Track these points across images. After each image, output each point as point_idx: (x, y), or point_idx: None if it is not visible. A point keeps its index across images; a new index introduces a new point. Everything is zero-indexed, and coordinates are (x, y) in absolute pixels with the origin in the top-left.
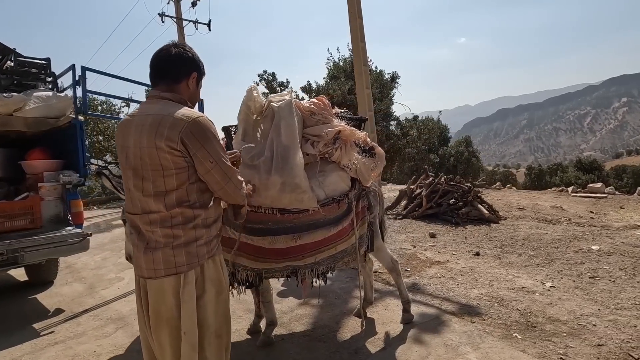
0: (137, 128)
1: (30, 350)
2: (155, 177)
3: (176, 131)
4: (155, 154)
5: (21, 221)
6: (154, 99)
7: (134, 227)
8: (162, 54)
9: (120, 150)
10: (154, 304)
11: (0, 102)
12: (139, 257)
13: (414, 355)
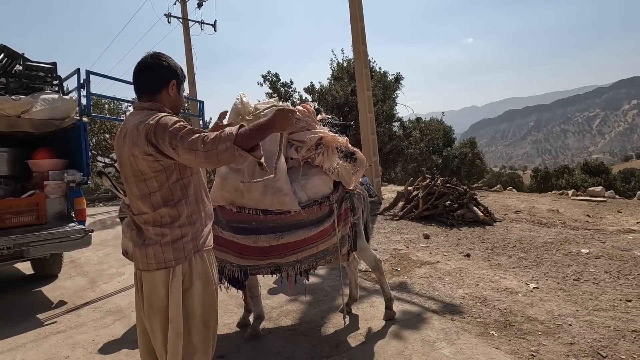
0: (123, 139)
1: (33, 338)
2: (137, 182)
3: (144, 137)
4: (134, 162)
5: (27, 217)
6: (136, 110)
7: (135, 225)
8: (140, 67)
9: (119, 162)
10: (147, 294)
11: (9, 104)
12: (136, 252)
13: (392, 349)
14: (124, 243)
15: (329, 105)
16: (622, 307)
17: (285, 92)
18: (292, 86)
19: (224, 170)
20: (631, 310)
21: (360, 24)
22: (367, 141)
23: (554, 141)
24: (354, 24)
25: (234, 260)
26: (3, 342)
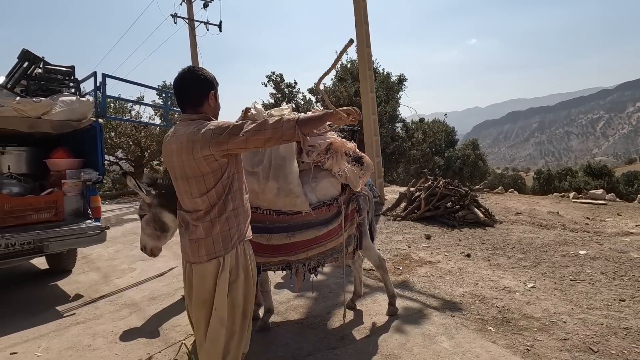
0: (177, 147)
1: (55, 328)
2: (197, 182)
3: (207, 141)
4: (195, 164)
5: (46, 214)
6: (186, 121)
7: (184, 222)
8: (181, 84)
9: (168, 166)
10: (196, 285)
11: (30, 106)
12: (186, 245)
13: (394, 342)
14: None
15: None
16: (616, 306)
17: (289, 92)
18: (296, 87)
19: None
20: (624, 309)
21: (364, 27)
22: (370, 142)
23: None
24: (358, 26)
25: None
26: (27, 331)
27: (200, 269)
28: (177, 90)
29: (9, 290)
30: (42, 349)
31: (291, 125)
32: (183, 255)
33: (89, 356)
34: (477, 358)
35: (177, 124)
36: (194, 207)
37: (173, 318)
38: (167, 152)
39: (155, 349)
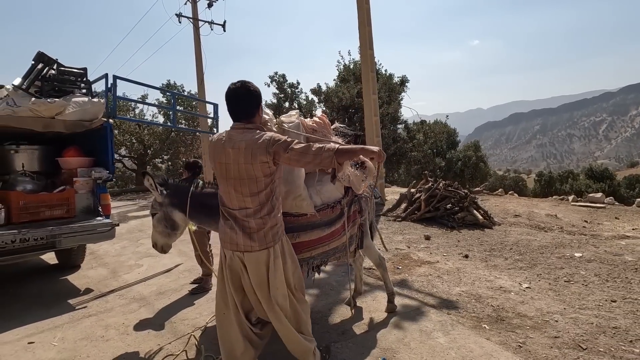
0: (234, 151)
1: (69, 320)
2: (250, 183)
3: (264, 149)
4: (251, 169)
5: (58, 211)
6: (240, 129)
7: (231, 217)
8: (236, 97)
9: (219, 165)
10: (251, 270)
11: (45, 107)
12: (235, 237)
13: (392, 337)
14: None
15: (334, 106)
16: (607, 306)
17: (292, 92)
18: (299, 87)
19: None
20: (615, 310)
21: (367, 29)
22: (371, 144)
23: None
24: (361, 29)
25: None
26: (43, 322)
27: (253, 257)
28: (232, 101)
29: (22, 284)
30: (57, 339)
31: (329, 155)
32: (227, 245)
33: (103, 346)
34: (471, 353)
35: (231, 131)
36: (241, 205)
37: (181, 312)
38: (221, 154)
39: (165, 340)
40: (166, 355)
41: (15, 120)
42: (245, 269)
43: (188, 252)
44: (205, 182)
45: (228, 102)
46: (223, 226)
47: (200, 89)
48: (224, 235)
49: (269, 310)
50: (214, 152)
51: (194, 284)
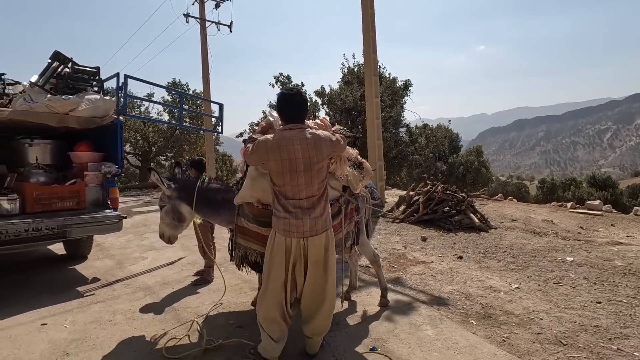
0: (302, 147)
1: (78, 306)
2: (318, 174)
3: (326, 145)
4: (321, 160)
5: (69, 202)
6: (297, 129)
7: (297, 207)
8: (296, 103)
9: (287, 162)
10: (312, 252)
11: (60, 103)
12: (302, 225)
13: (383, 328)
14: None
15: (337, 109)
16: (591, 307)
17: None
18: (303, 88)
19: (254, 173)
20: (598, 310)
21: (371, 34)
22: (373, 146)
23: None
24: (365, 33)
25: (256, 248)
26: (54, 307)
27: (317, 239)
28: (290, 106)
29: (32, 272)
30: (68, 322)
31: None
32: (293, 234)
33: (111, 329)
34: (456, 344)
35: (287, 132)
36: (309, 194)
37: (184, 300)
38: (287, 151)
39: (169, 326)
40: (170, 339)
41: (32, 115)
42: (303, 254)
43: (191, 247)
44: (211, 178)
45: (285, 107)
46: (287, 218)
47: (205, 88)
48: (288, 226)
49: (320, 286)
50: (277, 151)
51: (196, 276)
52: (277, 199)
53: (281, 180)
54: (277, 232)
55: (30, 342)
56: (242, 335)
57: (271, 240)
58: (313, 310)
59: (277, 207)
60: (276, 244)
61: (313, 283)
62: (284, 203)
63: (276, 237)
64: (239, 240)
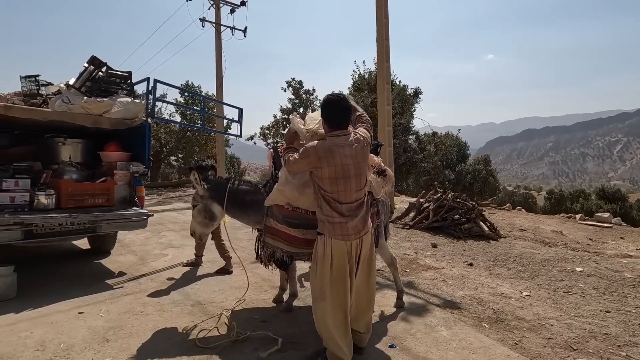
0: (352, 153)
1: (109, 297)
2: (362, 177)
3: (368, 148)
4: (364, 165)
5: (100, 199)
6: (343, 135)
7: (349, 211)
8: (342, 110)
9: (339, 167)
10: (365, 251)
11: (94, 105)
12: (356, 226)
13: (400, 328)
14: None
15: None
16: (601, 316)
17: (307, 99)
18: (314, 93)
19: (284, 179)
20: (608, 319)
21: (385, 43)
22: (383, 153)
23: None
24: (379, 42)
25: (284, 247)
26: (87, 297)
27: (367, 237)
28: (338, 112)
29: (61, 265)
30: (103, 311)
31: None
32: (351, 237)
33: (144, 320)
34: (470, 345)
35: (335, 138)
36: (357, 198)
37: (208, 295)
38: (340, 157)
39: (197, 318)
40: (201, 330)
41: (69, 115)
42: (356, 254)
43: (208, 246)
44: (241, 181)
45: (333, 112)
46: (343, 222)
47: (218, 91)
48: (346, 229)
49: (370, 282)
50: (330, 157)
51: (219, 274)
52: (329, 205)
53: (335, 186)
54: (333, 238)
55: (71, 328)
56: (267, 329)
57: (323, 246)
58: (364, 306)
59: (330, 214)
60: (335, 249)
61: (364, 280)
62: (339, 208)
63: (333, 243)
64: (268, 240)
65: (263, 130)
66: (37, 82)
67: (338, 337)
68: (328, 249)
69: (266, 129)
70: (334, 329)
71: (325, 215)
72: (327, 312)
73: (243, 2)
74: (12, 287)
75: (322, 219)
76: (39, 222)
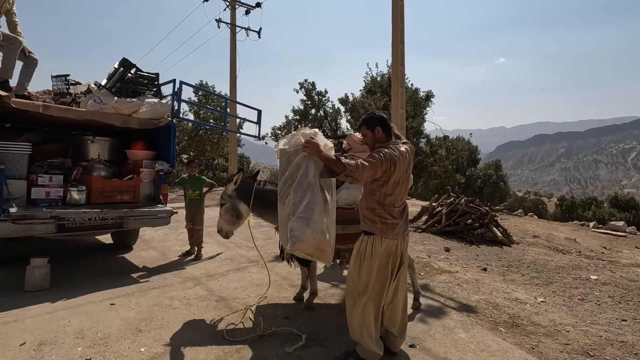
0: (405, 159)
1: (137, 290)
2: (409, 185)
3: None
4: (411, 172)
5: (127, 196)
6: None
7: (399, 213)
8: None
9: (401, 172)
10: (405, 250)
11: (125, 106)
12: (402, 226)
13: (419, 329)
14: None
15: (360, 117)
16: (617, 324)
17: (319, 100)
18: (326, 95)
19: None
20: (624, 327)
21: (400, 47)
22: None
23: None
24: (394, 46)
25: None
26: (116, 289)
27: (407, 238)
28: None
29: (88, 258)
30: (134, 304)
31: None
32: (398, 237)
33: (172, 312)
34: (488, 347)
35: (400, 145)
36: (403, 201)
37: (230, 292)
38: (403, 162)
39: (223, 313)
40: (228, 324)
41: (101, 115)
42: (400, 251)
43: (226, 243)
44: (267, 181)
45: (386, 124)
46: (396, 224)
47: (232, 91)
48: (397, 229)
49: (404, 285)
50: (400, 163)
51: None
52: (384, 208)
53: (396, 189)
54: (384, 237)
55: (105, 318)
56: (291, 325)
57: (372, 245)
58: (401, 308)
59: (384, 215)
60: (384, 248)
61: (400, 280)
62: (392, 211)
63: (383, 242)
64: None
65: (275, 131)
66: (67, 81)
67: (374, 332)
68: (377, 247)
69: (278, 129)
70: (369, 324)
71: (378, 217)
72: (367, 307)
73: (258, 4)
74: (46, 278)
75: (375, 220)
76: (72, 217)
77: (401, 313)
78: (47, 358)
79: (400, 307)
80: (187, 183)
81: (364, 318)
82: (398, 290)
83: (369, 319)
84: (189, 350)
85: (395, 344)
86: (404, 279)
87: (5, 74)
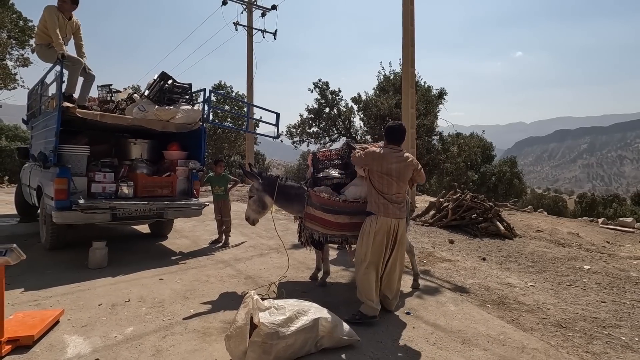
0: (399, 161)
1: (178, 269)
2: (405, 182)
3: (411, 169)
4: (406, 173)
5: (165, 190)
6: (396, 150)
7: (392, 200)
8: (399, 133)
9: (385, 167)
10: (401, 232)
11: (164, 112)
12: (394, 210)
13: (415, 302)
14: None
15: (372, 115)
16: (595, 305)
17: (333, 99)
18: (340, 94)
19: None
20: (601, 307)
21: (411, 49)
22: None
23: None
24: (405, 48)
25: (320, 230)
26: (161, 269)
27: (402, 221)
28: (397, 134)
29: (131, 244)
30: (177, 279)
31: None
32: (392, 216)
33: (210, 286)
34: (473, 317)
35: (388, 148)
36: (397, 192)
37: (255, 272)
38: (391, 162)
39: (251, 287)
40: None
41: (145, 121)
42: (395, 231)
43: (248, 233)
44: (288, 178)
45: (389, 133)
46: (385, 204)
47: (249, 91)
48: (388, 210)
49: (400, 258)
50: (385, 160)
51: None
52: (377, 193)
53: (381, 180)
54: (380, 215)
55: (157, 288)
56: (308, 297)
57: (370, 223)
58: (396, 277)
59: (377, 198)
60: (380, 225)
61: (397, 257)
62: (383, 195)
63: (379, 220)
64: (307, 224)
65: (290, 129)
66: (110, 90)
67: (373, 292)
68: (374, 224)
69: (292, 128)
70: (369, 285)
71: (374, 199)
72: (367, 272)
73: (274, 6)
74: (105, 258)
75: (372, 202)
76: (125, 208)
77: (396, 283)
78: (120, 314)
79: (396, 278)
80: (214, 180)
81: (366, 280)
82: (395, 265)
83: (370, 281)
84: (225, 312)
85: (390, 304)
86: (401, 256)
87: (70, 89)
